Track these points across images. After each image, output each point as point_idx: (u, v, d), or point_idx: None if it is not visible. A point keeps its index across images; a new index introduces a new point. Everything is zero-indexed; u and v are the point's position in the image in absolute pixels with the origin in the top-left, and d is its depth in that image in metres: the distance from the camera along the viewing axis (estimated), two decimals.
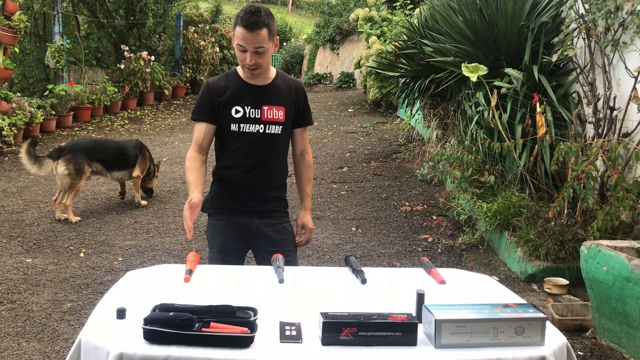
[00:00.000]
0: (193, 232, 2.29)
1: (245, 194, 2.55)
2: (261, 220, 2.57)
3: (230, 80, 2.55)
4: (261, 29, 2.35)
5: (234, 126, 2.50)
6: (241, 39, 2.36)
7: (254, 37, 2.35)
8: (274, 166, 2.60)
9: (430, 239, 5.17)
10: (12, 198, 6.27)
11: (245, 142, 2.52)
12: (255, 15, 2.35)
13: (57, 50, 10.25)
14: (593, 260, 3.27)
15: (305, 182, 2.75)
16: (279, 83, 2.58)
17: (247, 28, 2.34)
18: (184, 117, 11.60)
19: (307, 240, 2.76)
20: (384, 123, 9.98)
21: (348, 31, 15.34)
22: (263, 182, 2.57)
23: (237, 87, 2.52)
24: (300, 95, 2.63)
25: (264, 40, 2.38)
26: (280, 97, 2.56)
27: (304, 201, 2.75)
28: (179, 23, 14.06)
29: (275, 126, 2.53)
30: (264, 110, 2.51)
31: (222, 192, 2.60)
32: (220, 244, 2.57)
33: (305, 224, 2.72)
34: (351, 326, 1.61)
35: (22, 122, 8.53)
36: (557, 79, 5.18)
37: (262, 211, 2.58)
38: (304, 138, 2.71)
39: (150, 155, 6.16)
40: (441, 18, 6.09)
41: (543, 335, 1.67)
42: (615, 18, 4.27)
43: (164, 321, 1.59)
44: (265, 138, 2.53)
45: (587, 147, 4.07)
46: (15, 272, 4.39)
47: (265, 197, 2.59)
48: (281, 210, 2.66)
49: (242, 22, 2.35)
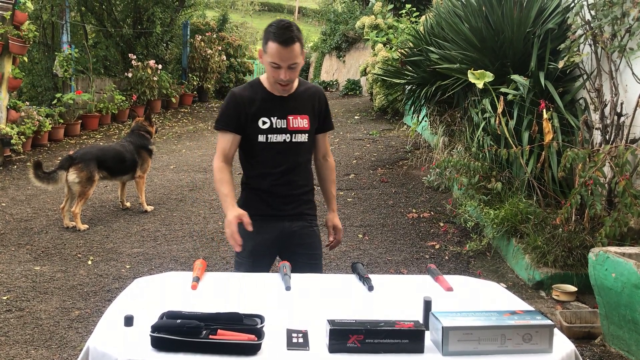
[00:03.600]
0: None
1: (275, 199, 2.59)
2: (293, 223, 2.61)
3: (255, 91, 2.56)
4: (295, 44, 2.37)
5: (261, 137, 2.52)
6: (276, 55, 2.37)
7: (289, 53, 2.37)
8: (302, 172, 2.64)
9: (437, 246, 5.15)
10: (21, 206, 6.31)
11: (273, 152, 2.55)
12: (288, 31, 2.36)
13: (65, 59, 10.33)
14: (601, 267, 3.26)
15: (329, 185, 2.80)
16: (302, 91, 2.61)
17: (283, 44, 2.35)
18: (191, 125, 11.64)
19: (338, 242, 2.81)
20: (391, 130, 9.98)
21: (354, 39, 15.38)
22: (293, 188, 2.61)
23: (263, 98, 2.54)
24: (322, 102, 2.68)
25: (297, 56, 2.40)
26: (304, 106, 2.59)
27: (330, 203, 2.81)
28: (186, 32, 14.14)
29: (301, 134, 2.57)
30: (290, 120, 2.55)
31: (252, 199, 2.63)
32: (251, 248, 2.57)
33: (335, 225, 2.77)
34: (358, 333, 1.61)
35: (30, 130, 8.59)
36: (564, 85, 5.18)
37: (293, 214, 2.62)
38: (326, 142, 2.77)
39: (149, 152, 6.27)
40: (447, 25, 6.10)
41: (551, 342, 1.66)
42: (621, 24, 4.27)
43: (171, 328, 1.59)
44: (292, 147, 2.56)
45: (595, 154, 4.05)
46: (24, 279, 4.41)
47: (296, 201, 2.63)
48: (312, 214, 2.70)
49: (277, 38, 2.35)
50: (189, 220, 5.88)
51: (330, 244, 2.79)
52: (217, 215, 6.03)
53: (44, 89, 11.31)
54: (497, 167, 5.12)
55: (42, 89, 11.35)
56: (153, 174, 7.70)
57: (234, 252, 2.66)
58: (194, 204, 6.41)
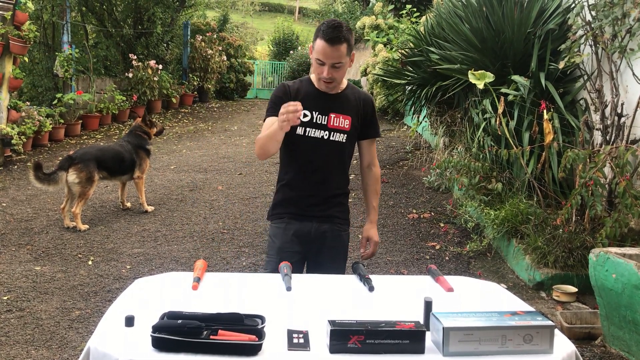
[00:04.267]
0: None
1: (306, 199, 2.57)
2: (321, 224, 2.60)
3: (303, 85, 2.59)
4: (341, 44, 2.39)
5: (299, 129, 2.52)
6: (321, 52, 2.39)
7: (334, 52, 2.39)
8: (335, 173, 2.63)
9: (437, 247, 5.15)
10: (21, 206, 6.31)
11: (308, 146, 2.54)
12: (337, 30, 2.38)
13: (65, 60, 10.33)
14: (602, 268, 3.26)
15: (372, 195, 2.77)
16: (349, 94, 2.61)
17: (329, 42, 2.37)
18: (192, 125, 11.64)
19: (372, 253, 2.78)
20: (391, 130, 9.98)
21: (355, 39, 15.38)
22: (324, 188, 2.60)
23: (308, 92, 2.56)
24: (369, 108, 2.67)
25: (343, 56, 2.41)
26: (348, 107, 2.59)
27: (370, 214, 2.77)
28: (187, 32, 14.15)
29: (340, 134, 2.57)
30: (331, 117, 2.55)
31: (284, 199, 2.63)
32: (279, 245, 2.58)
33: (370, 237, 2.75)
34: (359, 334, 1.61)
35: (31, 130, 8.59)
36: (564, 85, 5.18)
37: (322, 216, 2.60)
38: (372, 150, 2.75)
39: (147, 152, 6.30)
40: (447, 26, 6.10)
41: (552, 343, 1.66)
42: (622, 25, 4.27)
43: (172, 329, 1.59)
44: (328, 144, 2.56)
45: (595, 154, 4.05)
46: (24, 280, 4.41)
47: (326, 202, 2.61)
48: (342, 217, 2.68)
49: (325, 36, 2.38)
50: (189, 221, 5.88)
51: (363, 255, 2.78)
52: (218, 216, 6.04)
53: (44, 89, 11.31)
54: (498, 168, 5.12)
55: (43, 89, 11.36)
56: (153, 174, 7.70)
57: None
58: (194, 204, 6.41)
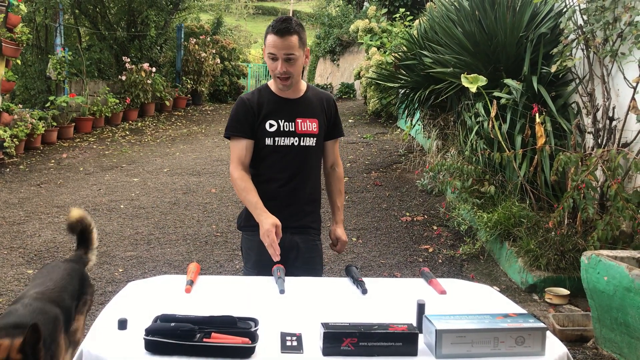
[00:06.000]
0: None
1: (281, 210, 2.48)
2: (295, 235, 2.55)
3: (262, 94, 2.54)
4: (291, 35, 2.37)
5: (268, 140, 2.49)
6: (272, 45, 2.39)
7: (284, 43, 2.37)
8: (309, 179, 2.59)
9: (430, 249, 5.17)
10: (14, 209, 6.28)
11: (280, 155, 2.50)
12: (286, 23, 2.39)
13: (58, 62, 10.30)
14: (594, 271, 3.27)
15: (336, 195, 2.76)
16: (311, 96, 2.59)
17: (278, 34, 2.36)
18: (185, 128, 11.62)
19: (339, 252, 2.78)
20: (384, 133, 10.01)
21: (348, 42, 15.41)
22: (298, 196, 2.56)
23: (270, 101, 2.52)
24: (332, 107, 2.65)
25: (294, 47, 2.39)
26: (313, 109, 2.56)
27: (335, 214, 2.76)
28: (180, 35, 14.13)
29: (309, 138, 2.53)
30: (298, 122, 2.52)
31: None
32: (255, 258, 2.54)
33: (339, 237, 2.72)
34: (352, 336, 1.62)
35: (23, 133, 8.55)
36: (557, 89, 5.21)
37: (297, 226, 2.56)
38: (335, 151, 2.73)
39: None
40: (441, 29, 6.12)
41: (543, 345, 1.67)
42: (613, 29, 4.30)
43: (165, 332, 1.59)
44: (300, 150, 2.52)
45: (587, 157, 4.08)
46: (16, 283, 4.39)
47: (300, 212, 2.57)
48: (315, 227, 2.66)
49: (274, 29, 2.38)
50: (182, 224, 5.87)
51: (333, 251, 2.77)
52: (211, 219, 6.03)
53: (37, 92, 11.27)
54: (491, 171, 5.14)
55: (36, 91, 11.32)
56: (147, 177, 7.69)
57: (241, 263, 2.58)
58: (187, 208, 6.40)
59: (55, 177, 7.69)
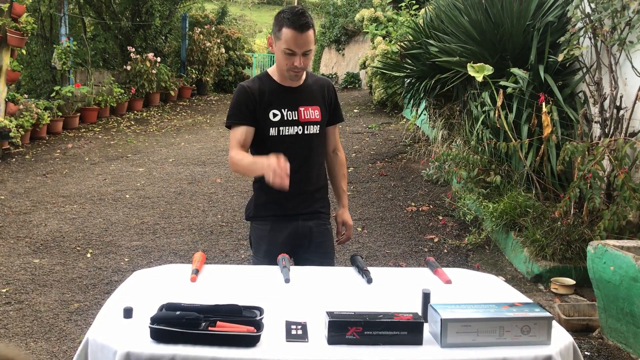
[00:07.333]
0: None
1: (290, 199, 2.49)
2: (306, 222, 2.56)
3: (263, 83, 2.50)
4: (310, 30, 2.33)
5: (273, 130, 2.46)
6: (292, 42, 2.32)
7: (305, 39, 2.32)
8: (315, 166, 2.58)
9: (436, 239, 5.16)
10: (20, 199, 6.30)
11: (285, 145, 2.45)
12: (303, 16, 2.32)
13: (63, 52, 10.29)
14: (600, 260, 3.26)
15: (340, 179, 2.75)
16: (311, 83, 2.56)
17: (299, 30, 2.30)
18: (190, 118, 11.62)
19: (347, 237, 2.77)
20: (390, 123, 9.97)
21: (353, 32, 15.33)
22: (307, 184, 2.55)
23: (273, 90, 2.48)
24: (332, 92, 2.63)
25: (312, 42, 2.36)
26: (314, 97, 2.54)
27: (341, 199, 2.76)
28: (185, 24, 14.08)
29: (313, 126, 2.51)
30: (301, 111, 2.49)
31: (265, 198, 2.55)
32: (266, 248, 2.52)
33: (345, 221, 2.73)
34: (357, 325, 1.62)
35: (29, 123, 8.57)
36: (563, 78, 5.17)
37: (307, 213, 2.56)
38: (336, 135, 2.71)
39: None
40: (447, 18, 6.08)
41: (549, 334, 1.66)
42: (621, 17, 4.26)
43: (170, 320, 1.60)
44: (304, 139, 2.50)
45: (594, 147, 4.05)
46: (23, 272, 4.41)
47: (310, 199, 2.57)
48: (325, 212, 2.66)
49: (293, 24, 2.30)
50: (188, 214, 5.88)
51: (339, 240, 2.76)
52: (216, 209, 6.03)
53: (42, 82, 11.28)
54: (496, 161, 5.11)
55: (41, 81, 11.33)
56: (152, 167, 7.70)
57: (250, 253, 2.56)
58: (192, 197, 6.41)
59: (60, 167, 7.71)
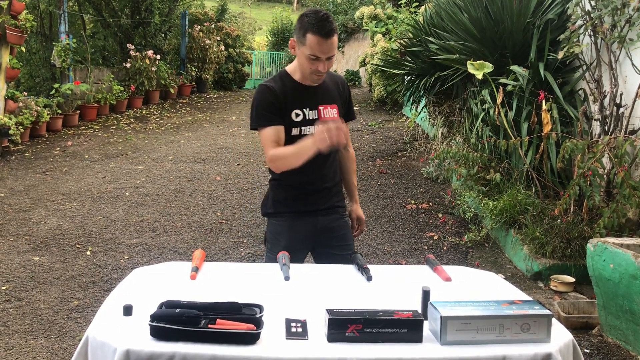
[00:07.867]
0: None
1: (309, 195, 2.53)
2: (326, 217, 2.59)
3: (284, 82, 2.49)
4: (335, 36, 2.33)
5: (295, 130, 2.46)
6: (317, 48, 2.31)
7: (330, 45, 2.33)
8: (333, 163, 2.62)
9: (436, 237, 5.16)
10: (19, 196, 6.30)
11: None
12: (328, 22, 2.30)
13: (63, 50, 10.28)
14: (599, 258, 3.26)
15: (351, 175, 2.78)
16: (327, 81, 2.57)
17: (324, 36, 2.29)
18: (190, 115, 11.62)
19: (361, 232, 2.82)
20: (389, 121, 9.97)
21: (353, 29, 15.32)
22: (325, 180, 2.58)
23: (293, 88, 2.48)
24: (347, 90, 2.66)
25: (336, 47, 2.37)
26: (332, 96, 2.56)
27: (353, 194, 2.79)
28: (185, 22, 14.07)
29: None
30: (320, 110, 2.51)
31: (284, 195, 2.56)
32: (286, 244, 2.50)
33: (359, 216, 2.77)
34: (357, 323, 1.62)
35: (28, 121, 8.56)
36: (563, 76, 5.17)
37: (326, 208, 2.59)
38: (347, 133, 2.72)
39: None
40: (447, 15, 6.08)
41: (549, 332, 1.66)
42: (621, 15, 4.25)
43: (170, 318, 1.60)
44: None
45: (594, 145, 4.05)
46: (23, 270, 4.41)
47: (327, 194, 2.60)
48: (342, 206, 2.69)
49: (319, 31, 2.29)
50: (187, 211, 5.88)
51: (354, 235, 2.79)
52: (216, 206, 6.03)
53: (42, 79, 11.27)
54: (496, 158, 5.11)
55: (40, 79, 11.31)
56: (152, 164, 7.69)
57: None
58: (192, 195, 6.41)
59: (60, 164, 7.71)
